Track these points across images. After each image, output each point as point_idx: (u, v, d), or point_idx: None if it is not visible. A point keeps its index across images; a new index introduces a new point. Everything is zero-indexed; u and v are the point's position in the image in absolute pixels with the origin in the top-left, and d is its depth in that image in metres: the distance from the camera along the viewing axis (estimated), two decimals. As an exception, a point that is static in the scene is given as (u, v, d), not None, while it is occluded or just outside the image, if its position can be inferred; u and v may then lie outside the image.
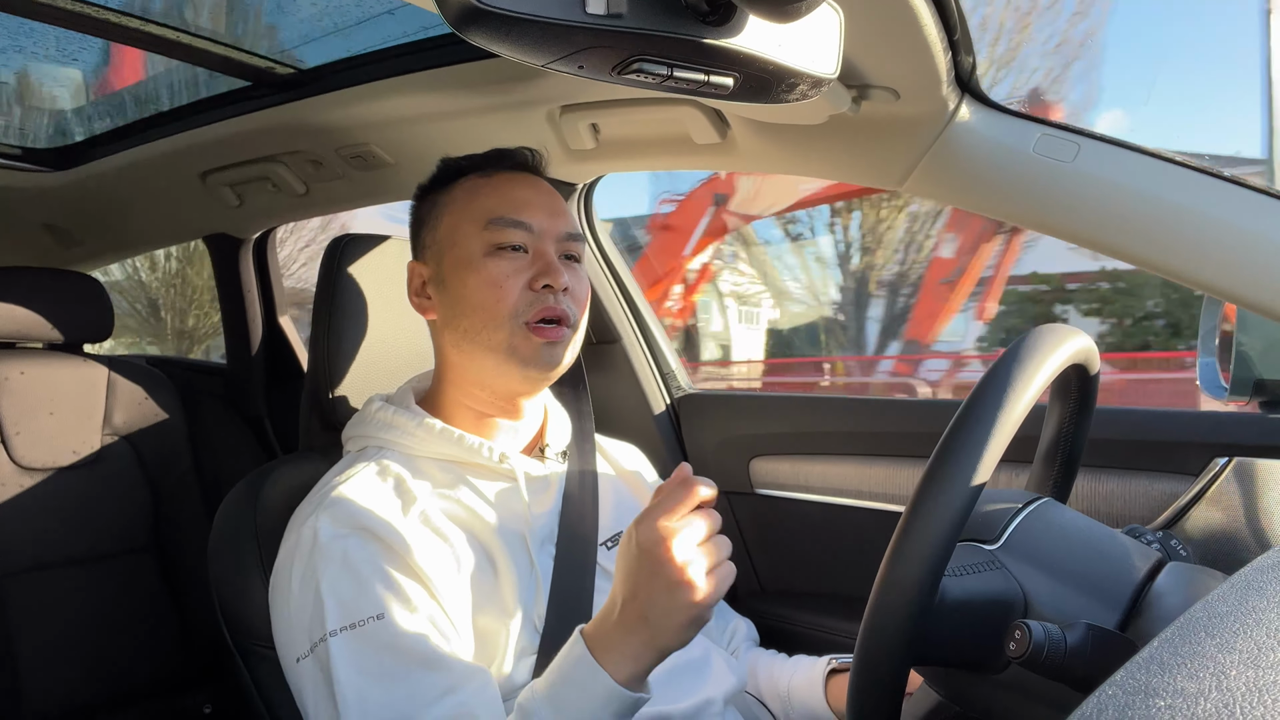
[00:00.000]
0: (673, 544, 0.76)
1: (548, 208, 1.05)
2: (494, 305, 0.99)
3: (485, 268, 1.00)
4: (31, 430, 1.58)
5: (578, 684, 0.79)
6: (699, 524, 0.78)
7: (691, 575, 0.76)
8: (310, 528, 0.93)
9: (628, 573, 0.79)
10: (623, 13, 0.52)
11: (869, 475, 1.47)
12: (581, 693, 0.79)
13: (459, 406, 1.05)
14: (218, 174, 1.72)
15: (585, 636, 0.81)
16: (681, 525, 0.77)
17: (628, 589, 0.79)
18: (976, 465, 0.64)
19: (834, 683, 1.11)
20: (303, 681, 0.90)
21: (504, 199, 1.03)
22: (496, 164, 1.08)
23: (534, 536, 1.00)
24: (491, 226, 1.01)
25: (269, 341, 2.09)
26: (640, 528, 0.78)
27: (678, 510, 0.78)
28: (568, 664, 0.81)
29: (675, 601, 0.76)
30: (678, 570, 0.76)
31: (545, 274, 1.00)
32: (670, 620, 0.77)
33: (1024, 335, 0.72)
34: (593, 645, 0.80)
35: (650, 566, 0.77)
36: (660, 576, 0.76)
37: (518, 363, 1.00)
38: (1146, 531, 0.83)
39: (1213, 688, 0.31)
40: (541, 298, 1.00)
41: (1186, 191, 0.99)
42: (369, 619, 0.87)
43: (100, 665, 1.57)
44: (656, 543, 0.76)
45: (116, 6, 1.28)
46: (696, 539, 0.78)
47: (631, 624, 0.79)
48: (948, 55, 0.97)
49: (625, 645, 0.79)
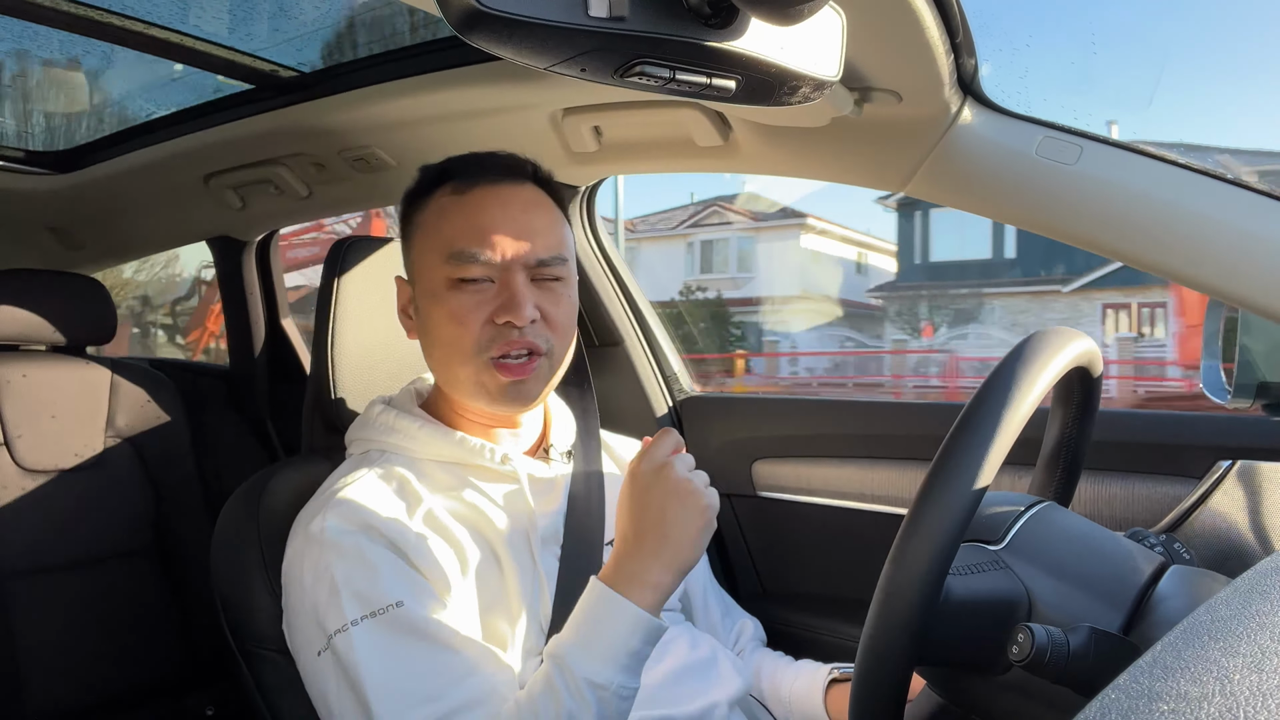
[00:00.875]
0: (675, 464, 0.91)
1: (517, 231, 0.98)
2: (456, 341, 0.97)
3: (447, 302, 0.97)
4: (34, 432, 1.58)
5: (605, 620, 0.86)
6: (687, 457, 0.94)
7: (696, 486, 0.90)
8: (318, 525, 0.93)
9: (639, 505, 0.90)
10: (625, 15, 0.52)
11: (872, 478, 1.47)
12: (610, 627, 0.86)
13: (461, 410, 1.05)
14: (220, 177, 1.73)
15: (602, 579, 0.89)
16: (678, 458, 0.92)
17: (642, 520, 0.89)
18: (980, 467, 0.64)
19: (834, 692, 1.11)
20: (324, 675, 0.90)
21: (469, 228, 0.97)
22: (476, 174, 1.01)
23: (537, 537, 1.00)
24: (452, 260, 0.97)
25: (271, 344, 2.09)
26: (644, 461, 0.91)
27: (667, 448, 0.92)
28: (591, 605, 0.88)
29: (689, 512, 0.89)
30: (685, 484, 0.90)
31: (506, 309, 0.95)
32: (689, 530, 0.89)
33: (1027, 338, 0.72)
34: (611, 583, 0.88)
35: (661, 488, 0.89)
36: (672, 495, 0.89)
37: (485, 398, 0.99)
38: (1150, 534, 0.83)
39: (1216, 692, 0.31)
40: (504, 333, 0.96)
41: (1189, 194, 0.99)
42: (389, 606, 0.88)
43: (103, 667, 1.58)
44: (662, 466, 0.90)
45: (120, 10, 1.28)
46: (690, 461, 0.93)
47: (653, 549, 0.88)
48: (950, 57, 0.97)
49: (647, 573, 0.88)
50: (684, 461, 0.92)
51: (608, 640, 0.85)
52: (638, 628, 0.86)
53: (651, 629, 0.86)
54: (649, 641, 0.87)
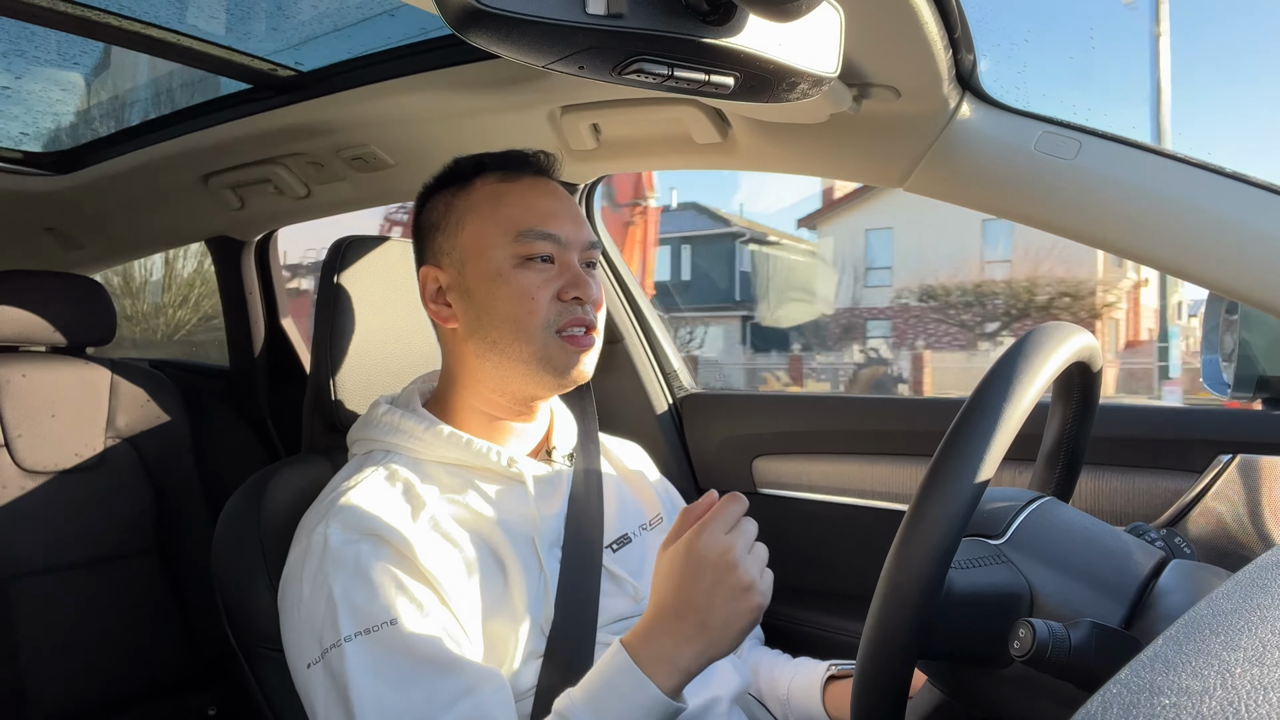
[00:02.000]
0: (738, 550, 0.82)
1: (572, 217, 1.04)
2: (525, 317, 0.99)
3: (515, 280, 0.99)
4: (34, 433, 1.58)
5: (621, 693, 0.81)
6: (750, 526, 0.85)
7: (753, 580, 0.82)
8: (320, 534, 0.93)
9: (686, 582, 0.82)
10: (623, 13, 0.52)
11: (872, 474, 1.47)
12: (625, 702, 0.81)
13: (470, 410, 1.05)
14: (219, 176, 1.73)
15: (627, 647, 0.83)
16: (739, 534, 0.83)
17: (685, 599, 0.82)
18: (981, 462, 0.64)
19: (832, 689, 1.11)
20: (313, 687, 0.89)
21: (531, 209, 1.02)
22: (517, 167, 1.06)
23: (542, 540, 1.00)
24: (521, 239, 1.00)
25: (271, 343, 2.09)
26: (704, 537, 0.82)
27: (732, 520, 0.84)
28: (610, 673, 0.82)
29: (738, 607, 0.81)
30: (743, 576, 0.81)
31: (575, 286, 1.00)
32: (732, 626, 0.81)
33: (1028, 332, 0.72)
34: (636, 656, 0.82)
35: (714, 575, 0.81)
36: (725, 584, 0.81)
37: (551, 371, 1.00)
38: (1150, 529, 0.83)
39: (1217, 685, 0.31)
40: (569, 309, 1.00)
41: (1188, 188, 0.99)
42: (383, 624, 0.87)
43: (104, 667, 1.58)
44: (723, 552, 0.81)
45: (117, 10, 1.28)
46: (750, 542, 0.84)
47: (689, 634, 0.81)
48: (948, 53, 0.97)
49: (676, 655, 0.81)
50: (746, 540, 0.84)
51: (620, 715, 0.81)
52: (654, 710, 0.81)
53: (669, 713, 0.82)
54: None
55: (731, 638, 0.82)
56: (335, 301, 1.17)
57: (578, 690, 0.84)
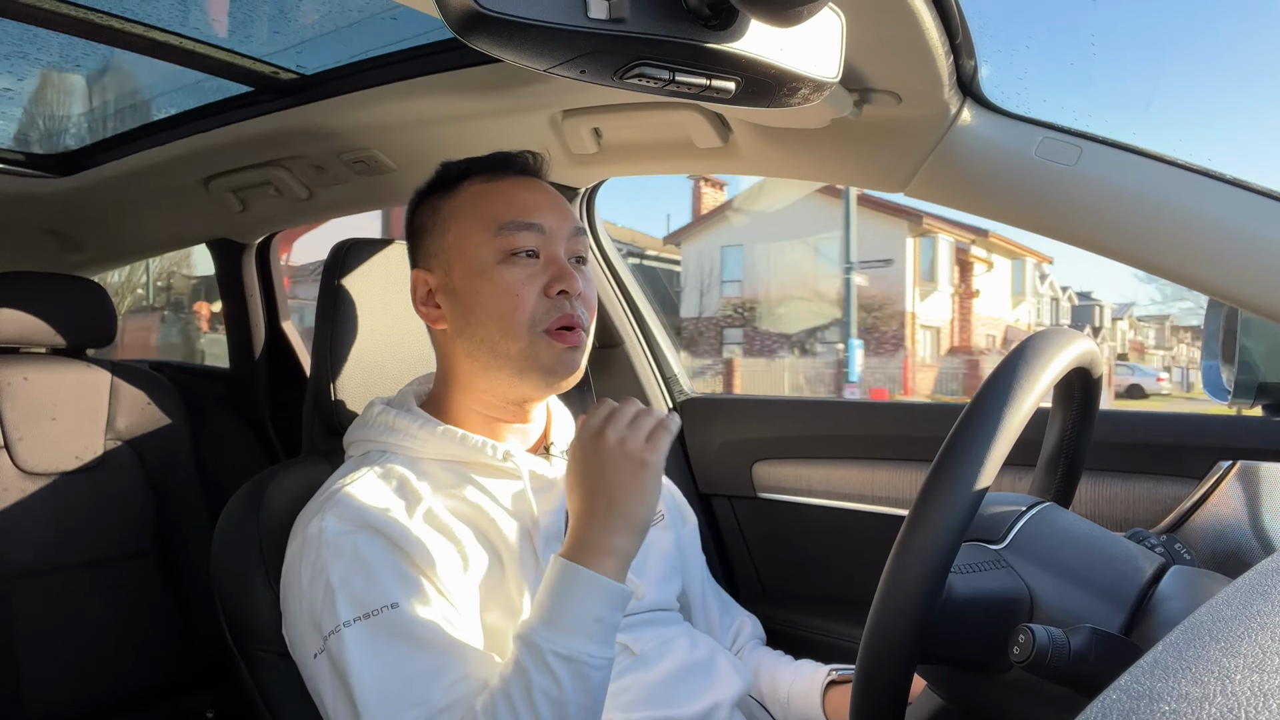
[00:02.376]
0: (611, 427, 0.91)
1: (556, 209, 1.04)
2: (511, 314, 0.99)
3: (499, 275, 0.99)
4: (34, 435, 1.58)
5: (568, 593, 0.86)
6: (628, 407, 0.93)
7: (634, 442, 0.90)
8: (317, 526, 0.93)
9: (581, 478, 0.91)
10: (625, 17, 0.52)
11: (872, 479, 1.47)
12: (575, 599, 0.86)
13: (466, 411, 1.05)
14: (220, 179, 1.73)
15: (561, 557, 0.89)
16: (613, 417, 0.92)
17: (587, 491, 0.90)
18: (982, 467, 0.64)
19: (832, 694, 1.11)
20: (320, 677, 0.90)
21: (512, 203, 1.02)
22: (502, 169, 1.07)
23: (540, 535, 1.00)
24: (503, 232, 1.00)
25: (271, 345, 2.09)
26: (581, 433, 0.93)
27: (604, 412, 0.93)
28: (554, 582, 0.88)
29: (628, 471, 0.89)
30: (618, 445, 0.90)
31: (560, 279, 0.99)
32: (631, 489, 0.89)
33: (1028, 338, 0.72)
34: (571, 558, 0.88)
35: (598, 456, 0.90)
36: (609, 459, 0.89)
37: (538, 371, 1.00)
38: (1150, 535, 0.83)
39: (1217, 692, 0.31)
40: (558, 304, 0.99)
41: (1189, 194, 0.99)
42: (383, 608, 0.88)
43: (103, 670, 1.57)
44: (597, 434, 0.91)
45: (120, 12, 1.28)
46: (625, 420, 0.92)
47: (602, 514, 0.88)
48: (949, 59, 0.97)
49: (601, 540, 0.88)
50: (617, 423, 0.91)
51: (572, 612, 0.85)
52: (600, 594, 0.86)
53: (615, 594, 0.86)
54: (615, 607, 0.87)
55: (639, 498, 0.89)
56: (336, 304, 1.17)
57: (531, 611, 0.89)
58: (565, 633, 0.84)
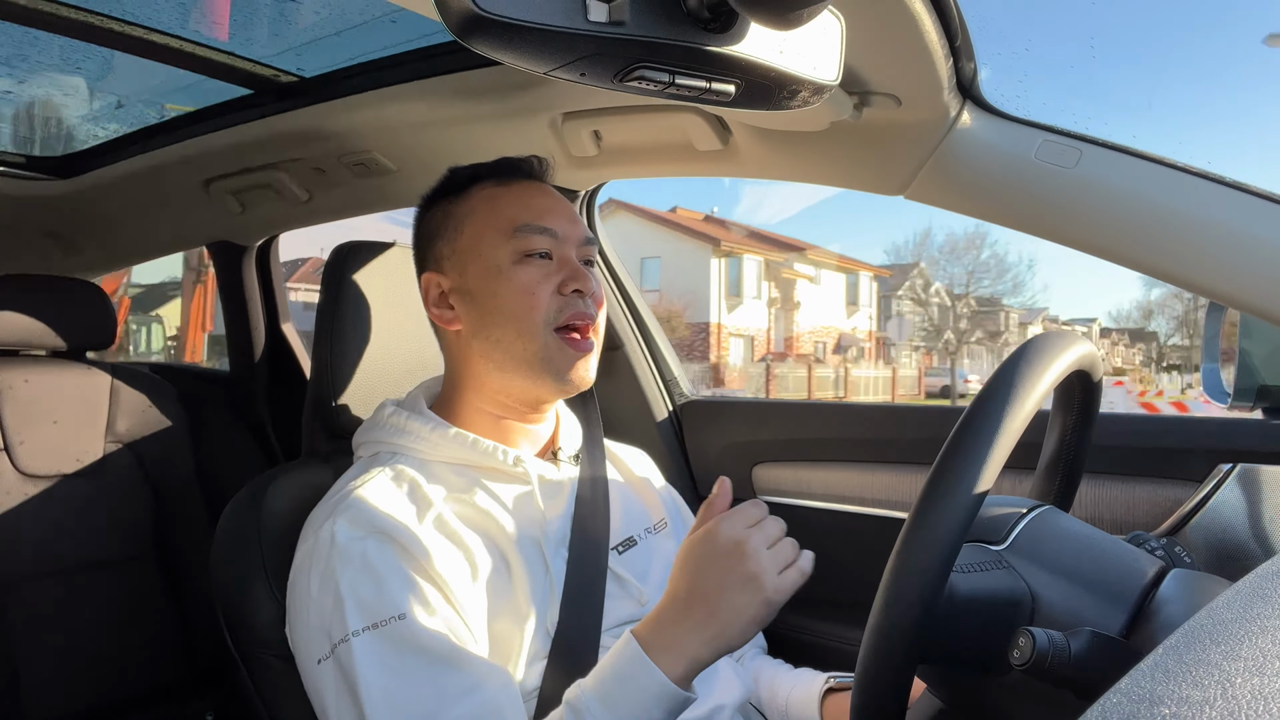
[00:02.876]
0: (752, 543, 0.83)
1: (567, 214, 1.06)
2: (527, 314, 1.00)
3: (515, 276, 1.01)
4: (35, 438, 1.58)
5: (631, 681, 0.82)
6: (773, 525, 0.86)
7: (767, 571, 0.83)
8: (328, 530, 0.93)
9: (697, 571, 0.84)
10: (624, 20, 0.52)
11: (872, 482, 1.47)
12: (635, 690, 0.82)
13: (476, 412, 1.05)
14: (220, 182, 1.73)
15: (637, 636, 0.84)
16: (759, 530, 0.85)
17: (696, 587, 0.83)
18: (982, 470, 0.64)
19: (830, 702, 1.11)
20: (323, 684, 0.90)
21: (526, 207, 1.04)
22: (511, 174, 1.09)
23: (549, 541, 1.00)
24: (519, 234, 1.01)
25: (272, 348, 2.09)
26: (723, 526, 0.85)
27: (754, 518, 0.85)
28: (621, 662, 0.84)
29: (750, 599, 0.82)
30: (755, 568, 0.82)
31: (574, 279, 1.01)
32: (741, 616, 0.82)
33: (1027, 342, 0.72)
34: (646, 645, 0.83)
35: (726, 563, 0.83)
36: (734, 573, 0.82)
37: (552, 373, 1.01)
38: (1150, 538, 0.83)
39: (1218, 695, 0.31)
40: (571, 303, 1.01)
41: (1189, 197, 0.99)
42: (391, 619, 0.87)
43: (102, 672, 1.57)
44: (738, 542, 0.83)
45: (119, 15, 1.28)
46: (769, 540, 0.85)
47: (700, 621, 0.83)
48: (949, 61, 0.97)
49: (686, 644, 0.83)
50: (764, 536, 0.85)
51: (631, 704, 0.81)
52: (663, 699, 0.82)
53: (677, 702, 0.82)
54: (672, 713, 0.83)
55: (740, 628, 0.83)
56: (337, 306, 1.17)
57: (588, 680, 0.85)
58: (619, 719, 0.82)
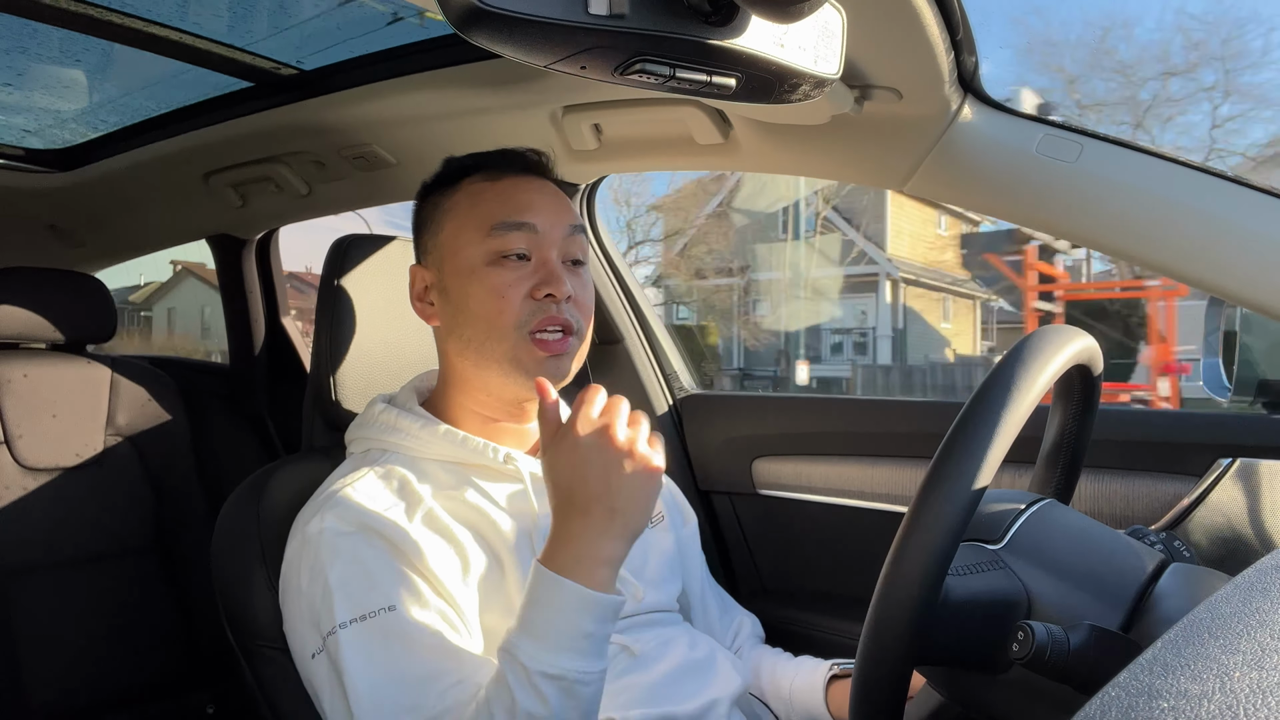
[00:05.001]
0: (614, 426, 0.83)
1: (551, 209, 1.02)
2: (496, 316, 0.98)
3: (487, 277, 0.99)
4: (35, 431, 1.58)
5: (548, 604, 0.81)
6: (616, 401, 0.86)
7: (639, 443, 0.84)
8: (316, 526, 0.93)
9: (576, 475, 0.83)
10: (625, 13, 0.52)
11: (872, 476, 1.47)
12: (554, 611, 0.81)
13: (465, 410, 1.05)
14: (220, 175, 1.73)
15: (542, 561, 0.84)
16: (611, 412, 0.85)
17: (583, 491, 0.83)
18: (980, 465, 0.64)
19: (834, 689, 1.11)
20: (317, 677, 0.90)
21: (507, 203, 1.01)
22: (504, 166, 1.06)
23: (541, 536, 1.00)
24: (495, 233, 0.99)
25: (271, 341, 2.09)
26: (579, 423, 0.84)
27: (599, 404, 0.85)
28: (534, 591, 0.83)
29: (638, 478, 0.83)
30: (629, 447, 0.83)
31: (547, 283, 0.98)
32: (637, 498, 0.83)
33: (1028, 336, 0.72)
34: (551, 565, 0.83)
35: (603, 456, 0.83)
36: (615, 461, 0.82)
37: (523, 374, 0.99)
38: (1150, 532, 0.83)
39: (1216, 689, 0.31)
40: (543, 307, 0.98)
41: (1190, 191, 0.99)
42: (379, 610, 0.87)
43: (103, 665, 1.58)
44: (602, 429, 0.83)
45: (119, 7, 1.28)
46: (624, 416, 0.85)
47: (601, 521, 0.82)
48: (950, 55, 0.97)
49: (596, 550, 0.82)
50: (615, 413, 0.84)
51: (557, 627, 0.80)
52: (593, 609, 0.81)
53: (604, 606, 0.81)
54: (605, 619, 0.82)
55: (641, 510, 0.83)
56: (336, 300, 1.17)
57: (515, 621, 0.84)
58: (551, 650, 0.80)
